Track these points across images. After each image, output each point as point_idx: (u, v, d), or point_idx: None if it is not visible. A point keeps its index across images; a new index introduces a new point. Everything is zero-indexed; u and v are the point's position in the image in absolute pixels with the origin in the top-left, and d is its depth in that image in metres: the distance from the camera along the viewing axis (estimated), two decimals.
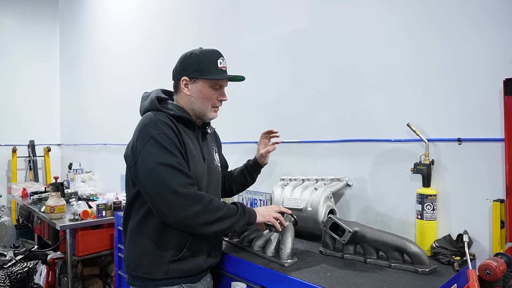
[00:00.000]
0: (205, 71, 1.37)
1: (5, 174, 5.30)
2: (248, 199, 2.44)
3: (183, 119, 1.38)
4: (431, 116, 1.60)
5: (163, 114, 1.34)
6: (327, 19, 2.01)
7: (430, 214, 1.52)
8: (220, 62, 1.40)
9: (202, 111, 1.41)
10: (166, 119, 1.31)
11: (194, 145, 1.40)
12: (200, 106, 1.41)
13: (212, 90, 1.40)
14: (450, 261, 1.36)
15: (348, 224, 1.45)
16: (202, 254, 1.38)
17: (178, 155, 1.26)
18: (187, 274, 1.35)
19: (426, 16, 1.61)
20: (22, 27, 5.48)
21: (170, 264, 1.31)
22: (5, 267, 2.19)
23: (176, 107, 1.40)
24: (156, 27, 3.49)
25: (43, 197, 3.34)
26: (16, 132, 5.34)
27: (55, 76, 5.80)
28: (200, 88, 1.39)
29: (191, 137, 1.40)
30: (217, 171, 1.54)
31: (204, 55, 1.40)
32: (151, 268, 1.32)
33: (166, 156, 1.23)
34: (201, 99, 1.40)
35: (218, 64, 1.39)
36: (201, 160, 1.41)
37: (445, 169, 1.56)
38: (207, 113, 1.42)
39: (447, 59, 1.55)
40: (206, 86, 1.39)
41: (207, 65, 1.38)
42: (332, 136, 1.99)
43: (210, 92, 1.39)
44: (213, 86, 1.39)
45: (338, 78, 1.96)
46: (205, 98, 1.39)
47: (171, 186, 1.19)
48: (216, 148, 1.61)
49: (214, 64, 1.38)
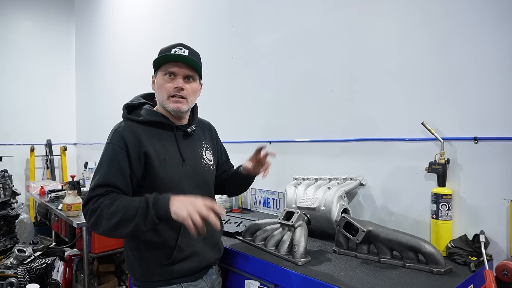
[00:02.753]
0: (156, 59, 1.35)
1: (24, 172, 5.43)
2: (261, 198, 2.46)
3: (154, 123, 1.35)
4: (447, 114, 1.58)
5: (129, 124, 1.34)
6: (340, 17, 2.00)
7: (446, 213, 1.50)
8: (175, 50, 1.33)
9: (162, 103, 1.36)
10: (124, 130, 1.30)
11: (167, 149, 1.34)
12: (159, 98, 1.37)
13: (166, 79, 1.34)
14: (466, 262, 1.34)
15: (362, 223, 1.45)
16: (195, 256, 1.35)
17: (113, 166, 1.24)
18: (184, 275, 1.33)
19: (443, 13, 1.59)
20: (39, 28, 5.61)
21: (163, 268, 1.30)
22: (25, 263, 2.26)
23: (147, 112, 1.37)
24: (171, 26, 3.52)
25: (60, 195, 3.41)
26: (33, 131, 5.46)
27: (71, 76, 5.92)
28: (157, 80, 1.38)
29: (164, 140, 1.36)
30: (205, 170, 1.46)
31: (162, 48, 1.39)
32: (146, 272, 1.32)
33: (99, 167, 1.27)
34: (158, 90, 1.37)
35: (171, 52, 1.33)
36: (178, 162, 1.36)
37: (461, 169, 1.54)
38: (166, 104, 1.35)
39: (464, 56, 1.53)
40: (160, 76, 1.35)
41: (161, 55, 1.35)
42: (346, 135, 1.98)
43: (163, 81, 1.34)
44: (164, 73, 1.34)
45: (352, 77, 1.95)
46: (160, 87, 1.35)
47: (86, 198, 1.22)
48: (208, 145, 1.54)
49: (167, 52, 1.34)
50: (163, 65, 1.34)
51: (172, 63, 1.33)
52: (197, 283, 1.37)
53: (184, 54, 1.33)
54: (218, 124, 1.73)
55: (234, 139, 2.67)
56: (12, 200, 3.32)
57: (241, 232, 1.77)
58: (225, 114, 2.79)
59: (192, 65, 1.35)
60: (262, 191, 2.45)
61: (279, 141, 2.38)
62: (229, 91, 2.77)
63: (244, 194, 2.58)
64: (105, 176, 1.23)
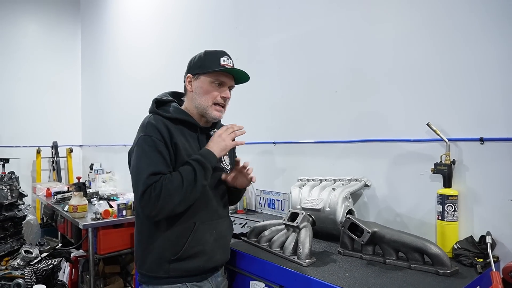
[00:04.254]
0: (206, 66, 1.38)
1: (30, 174, 5.48)
2: (265, 199, 2.46)
3: (181, 121, 1.39)
4: (452, 115, 1.58)
5: (158, 117, 1.37)
6: (344, 19, 2.00)
7: (451, 215, 1.49)
8: (223, 60, 1.39)
9: (203, 108, 1.40)
10: (157, 122, 1.34)
11: (192, 147, 1.38)
12: (201, 102, 1.40)
13: (213, 86, 1.39)
14: (473, 263, 1.34)
15: (367, 224, 1.44)
16: (203, 255, 1.36)
17: (157, 155, 1.28)
18: (190, 274, 1.35)
19: (447, 14, 1.59)
20: (45, 32, 5.66)
21: (170, 264, 1.32)
22: (32, 264, 2.27)
23: (175, 109, 1.41)
24: (176, 28, 3.54)
25: (66, 197, 3.44)
26: (40, 133, 5.51)
27: (77, 78, 5.97)
28: (201, 84, 1.39)
29: (189, 139, 1.40)
30: (224, 173, 1.50)
31: (208, 53, 1.42)
32: (154, 267, 1.34)
33: (143, 159, 1.28)
34: (202, 95, 1.39)
35: (221, 61, 1.38)
36: None
37: (466, 169, 1.53)
38: (208, 110, 1.40)
39: (469, 56, 1.52)
40: (207, 81, 1.39)
41: (209, 62, 1.39)
42: (350, 136, 1.98)
43: (211, 88, 1.39)
44: (214, 81, 1.38)
45: (356, 78, 1.95)
46: (205, 93, 1.39)
47: (138, 189, 1.24)
48: None
49: (217, 61, 1.38)
50: (213, 73, 1.38)
51: (223, 73, 1.39)
52: (202, 284, 1.38)
53: (233, 67, 1.40)
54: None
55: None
56: (19, 202, 3.34)
57: (246, 233, 1.78)
58: (229, 116, 2.79)
59: (241, 78, 1.45)
60: (267, 192, 2.45)
61: (283, 143, 2.38)
62: (233, 92, 2.76)
63: (249, 195, 2.58)
64: (153, 166, 1.26)
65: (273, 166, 2.44)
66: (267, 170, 2.48)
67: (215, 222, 1.42)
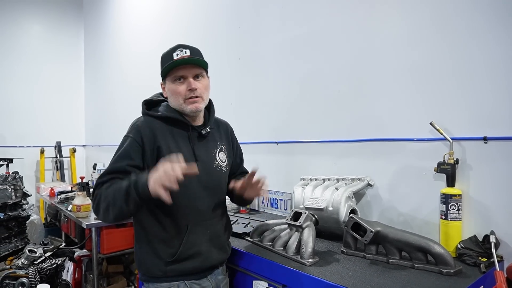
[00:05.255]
0: (163, 68, 1.37)
1: (34, 174, 5.50)
2: (268, 199, 2.46)
3: (171, 119, 1.38)
4: (456, 114, 1.57)
5: (148, 119, 1.38)
6: (348, 17, 2.00)
7: (455, 214, 1.49)
8: (176, 54, 1.35)
9: (179, 108, 1.38)
10: (143, 124, 1.35)
11: (180, 148, 1.35)
12: (175, 104, 1.38)
13: (177, 83, 1.36)
14: (476, 263, 1.33)
15: (370, 224, 1.44)
16: (199, 256, 1.36)
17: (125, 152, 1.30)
18: (188, 273, 1.35)
19: (452, 12, 1.58)
20: (49, 32, 5.68)
21: (167, 265, 1.33)
22: (36, 263, 2.28)
23: (166, 108, 1.41)
24: (177, 28, 3.55)
25: (69, 197, 3.44)
26: (43, 134, 5.53)
27: (80, 79, 5.98)
28: (168, 86, 1.39)
29: (179, 139, 1.38)
30: (217, 172, 1.46)
31: (163, 55, 1.40)
32: (151, 268, 1.35)
33: (113, 156, 1.33)
34: (172, 97, 1.38)
35: (174, 57, 1.34)
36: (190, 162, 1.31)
37: (470, 169, 1.53)
38: (183, 107, 1.37)
39: (473, 55, 1.51)
40: (170, 82, 1.38)
41: (164, 62, 1.37)
42: (353, 135, 1.98)
43: (175, 86, 1.36)
44: (174, 79, 1.36)
45: (359, 77, 1.95)
46: (173, 93, 1.37)
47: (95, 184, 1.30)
48: (223, 146, 1.54)
49: (170, 58, 1.35)
50: (170, 71, 1.36)
51: (178, 67, 1.35)
52: (201, 282, 1.39)
53: (187, 56, 1.35)
54: None
55: (241, 140, 2.66)
56: (23, 201, 3.36)
57: (249, 233, 1.78)
58: (232, 115, 2.79)
59: (198, 64, 1.37)
60: (270, 192, 2.45)
61: (286, 142, 2.38)
62: (236, 92, 2.78)
63: None
64: (115, 164, 1.29)
65: (275, 165, 2.44)
66: (269, 170, 2.48)
67: (208, 222, 1.41)
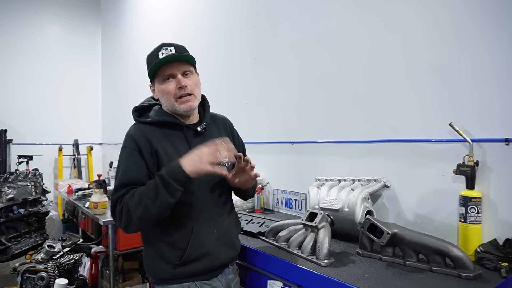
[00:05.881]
0: (150, 69, 1.34)
1: (52, 171, 5.64)
2: (283, 199, 2.46)
3: (163, 122, 1.35)
4: (476, 115, 1.54)
5: (139, 125, 1.37)
6: (364, 17, 1.98)
7: (475, 217, 1.46)
8: (161, 53, 1.32)
9: (171, 108, 1.35)
10: (135, 132, 1.33)
11: (177, 150, 1.33)
12: (166, 104, 1.36)
13: (166, 83, 1.33)
14: (497, 267, 1.30)
15: (387, 225, 1.43)
16: (208, 256, 1.34)
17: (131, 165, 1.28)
18: (197, 274, 1.33)
19: (470, 11, 1.55)
20: (67, 32, 5.81)
21: (176, 268, 1.30)
22: (54, 258, 2.34)
23: (156, 112, 1.38)
24: (192, 27, 3.58)
25: (87, 194, 3.51)
26: (62, 132, 5.67)
27: (97, 78, 6.10)
28: (157, 87, 1.36)
29: (175, 141, 1.35)
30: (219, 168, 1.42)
31: (148, 56, 1.38)
32: (160, 271, 1.34)
33: (119, 171, 1.30)
34: (163, 97, 1.35)
35: (159, 56, 1.31)
36: None
37: (491, 171, 1.49)
38: (175, 107, 1.34)
39: (493, 55, 1.48)
40: (159, 82, 1.34)
41: (150, 62, 1.34)
42: (370, 136, 1.96)
43: (164, 86, 1.33)
44: (162, 78, 1.33)
45: (376, 77, 1.93)
46: (164, 94, 1.34)
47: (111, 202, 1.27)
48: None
49: (156, 57, 1.32)
50: (157, 71, 1.33)
51: (165, 66, 1.32)
52: (211, 282, 1.37)
53: (172, 53, 1.31)
54: (240, 125, 1.74)
55: (255, 140, 2.68)
56: (43, 198, 3.45)
57: (263, 233, 1.78)
58: (247, 115, 2.81)
59: (185, 60, 1.34)
60: (284, 192, 2.45)
61: (301, 142, 2.37)
62: (251, 92, 2.78)
63: (266, 194, 2.58)
64: (124, 176, 1.27)
65: (290, 165, 2.44)
66: (284, 170, 2.48)
67: (214, 221, 1.38)
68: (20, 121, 5.33)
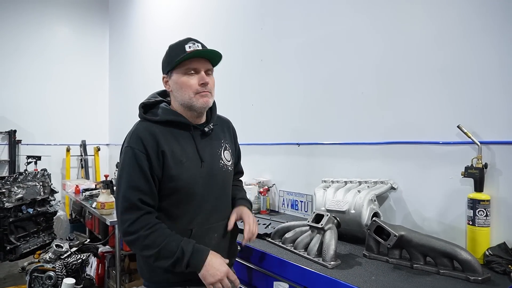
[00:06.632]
0: (173, 60, 1.30)
1: (60, 171, 5.69)
2: (289, 200, 2.45)
3: (171, 122, 1.32)
4: (484, 117, 1.52)
5: (146, 124, 1.32)
6: (372, 18, 1.98)
7: (483, 220, 1.44)
8: (189, 46, 1.29)
9: (187, 102, 1.31)
10: (143, 131, 1.29)
11: (185, 150, 1.31)
12: (182, 98, 1.31)
13: (188, 76, 1.30)
14: (506, 271, 1.29)
15: (394, 228, 1.42)
16: None
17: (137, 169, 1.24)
18: (191, 279, 1.28)
19: (479, 12, 1.54)
20: (76, 34, 5.88)
21: (169, 273, 1.27)
22: (62, 258, 2.36)
23: (164, 111, 1.34)
24: (200, 28, 3.59)
25: (94, 194, 3.54)
26: (69, 132, 5.72)
27: (105, 79, 6.16)
28: (176, 79, 1.32)
29: (182, 140, 1.32)
30: (223, 171, 1.41)
31: (172, 47, 1.35)
32: (153, 276, 1.32)
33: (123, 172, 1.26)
34: (180, 90, 1.31)
35: (186, 49, 1.29)
36: (196, 164, 1.32)
37: (500, 173, 1.48)
38: (193, 101, 1.30)
39: (501, 57, 1.47)
40: (180, 74, 1.31)
41: (175, 54, 1.30)
42: (376, 137, 1.95)
43: (186, 79, 1.30)
44: (186, 71, 1.30)
45: (383, 79, 1.92)
46: (184, 87, 1.30)
47: (118, 202, 1.25)
48: (227, 144, 1.48)
49: (182, 50, 1.29)
50: (181, 63, 1.30)
51: (191, 59, 1.29)
52: None
53: (201, 49, 1.30)
54: (247, 126, 1.74)
55: (262, 141, 2.68)
56: (51, 198, 3.48)
57: (270, 234, 1.78)
58: (253, 116, 2.81)
59: (214, 57, 1.33)
60: (290, 193, 2.45)
61: (307, 143, 2.37)
62: (258, 93, 2.79)
63: (272, 195, 2.58)
64: (130, 183, 1.24)
65: (296, 167, 2.44)
66: (290, 171, 2.48)
67: (215, 225, 1.36)
68: (29, 121, 5.40)
